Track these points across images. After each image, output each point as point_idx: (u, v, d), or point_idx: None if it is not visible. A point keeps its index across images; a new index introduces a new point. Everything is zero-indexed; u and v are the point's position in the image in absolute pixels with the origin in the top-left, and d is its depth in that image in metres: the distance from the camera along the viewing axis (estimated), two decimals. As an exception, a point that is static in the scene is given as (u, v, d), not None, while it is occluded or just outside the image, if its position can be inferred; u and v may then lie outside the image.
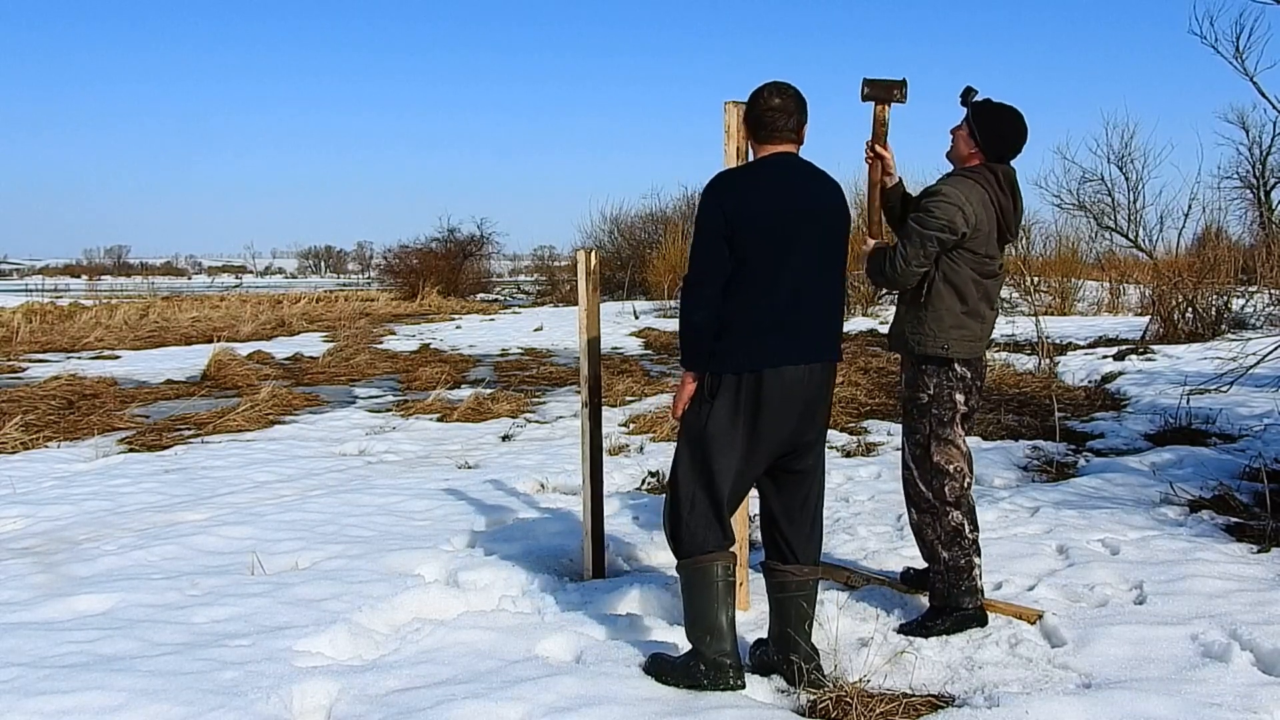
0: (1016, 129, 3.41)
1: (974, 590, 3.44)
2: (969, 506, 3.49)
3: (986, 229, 3.35)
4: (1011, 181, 3.41)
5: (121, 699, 2.85)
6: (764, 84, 3.06)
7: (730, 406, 2.94)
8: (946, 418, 3.43)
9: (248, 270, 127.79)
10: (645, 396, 9.54)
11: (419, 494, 5.66)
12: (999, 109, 3.42)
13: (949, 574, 3.44)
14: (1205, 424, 6.95)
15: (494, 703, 2.82)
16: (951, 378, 3.42)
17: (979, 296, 3.39)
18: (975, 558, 3.46)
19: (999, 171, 3.39)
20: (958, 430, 3.45)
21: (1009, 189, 3.39)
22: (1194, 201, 23.14)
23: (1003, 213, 3.37)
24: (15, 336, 16.78)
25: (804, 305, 2.95)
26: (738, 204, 2.91)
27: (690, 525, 2.99)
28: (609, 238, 31.70)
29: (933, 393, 3.43)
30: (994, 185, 3.36)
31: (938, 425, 3.44)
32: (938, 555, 3.47)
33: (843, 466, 6.21)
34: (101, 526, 5.05)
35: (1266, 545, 4.22)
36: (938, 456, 3.44)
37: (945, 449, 3.44)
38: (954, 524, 3.44)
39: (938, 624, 3.43)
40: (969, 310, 3.38)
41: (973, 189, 3.33)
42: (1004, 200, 3.37)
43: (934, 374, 3.43)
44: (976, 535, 3.49)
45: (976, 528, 3.50)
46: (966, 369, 3.44)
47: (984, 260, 3.38)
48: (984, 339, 3.47)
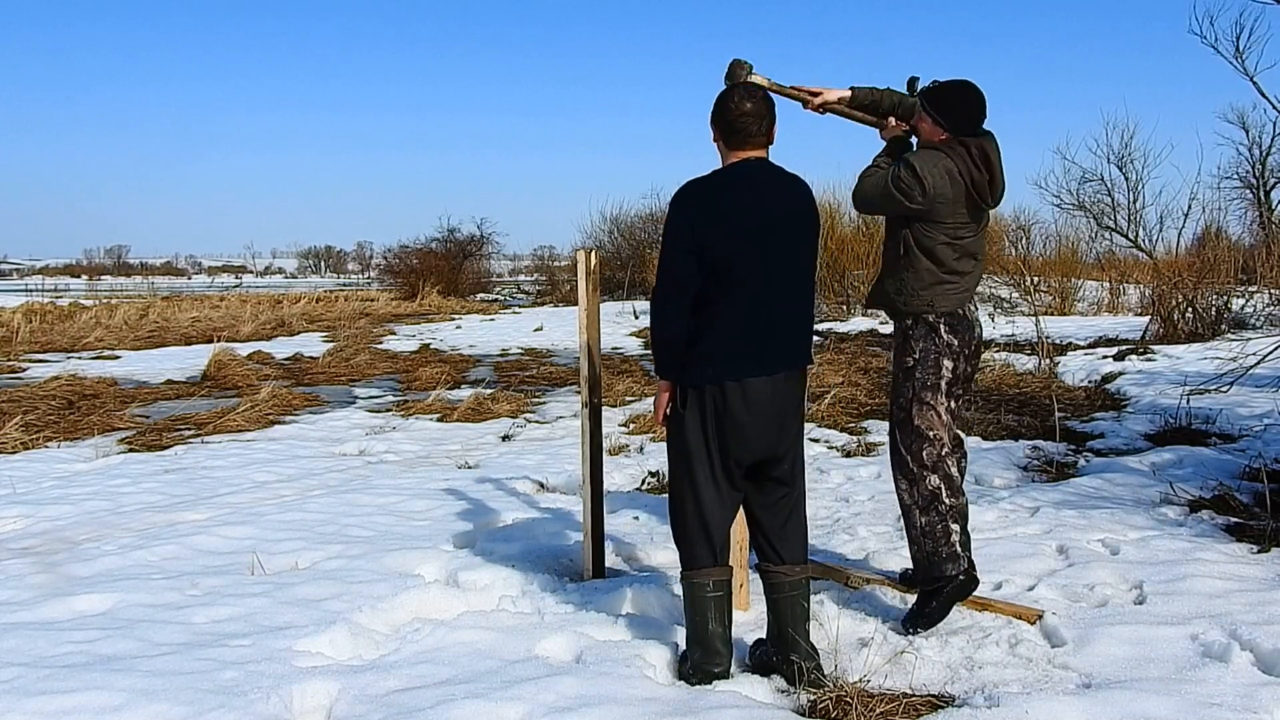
0: (971, 98, 3.43)
1: (955, 556, 3.43)
2: (946, 473, 3.47)
3: (950, 198, 3.36)
4: (984, 152, 3.40)
5: (121, 699, 2.85)
6: (732, 87, 3.05)
7: (698, 419, 2.97)
8: (930, 382, 3.45)
9: (248, 270, 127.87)
10: (645, 396, 9.53)
11: (419, 494, 5.66)
12: (947, 86, 3.46)
13: (925, 540, 3.44)
14: (1205, 424, 6.95)
15: (494, 703, 2.82)
16: (938, 343, 3.44)
17: (955, 256, 3.43)
18: (954, 524, 3.45)
19: (970, 145, 3.39)
20: (940, 398, 3.46)
21: (981, 161, 3.39)
22: (1194, 201, 23.17)
23: (974, 184, 3.38)
24: (15, 336, 16.77)
25: (772, 314, 2.96)
26: (707, 216, 2.90)
27: (686, 537, 3.07)
28: (609, 238, 31.72)
29: (918, 356, 3.46)
30: (964, 158, 3.37)
31: (921, 389, 3.45)
32: (915, 521, 3.47)
33: (843, 466, 6.21)
34: (101, 526, 5.05)
35: (1266, 545, 4.22)
36: (918, 420, 3.46)
37: (926, 413, 3.45)
38: (930, 488, 3.44)
39: (930, 608, 3.42)
40: (947, 269, 3.43)
41: (938, 160, 3.36)
42: (976, 173, 3.38)
43: (920, 338, 3.46)
44: (955, 502, 3.48)
45: (956, 495, 3.49)
46: (954, 336, 3.45)
47: (955, 228, 3.41)
48: (970, 290, 3.50)
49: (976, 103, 3.43)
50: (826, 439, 7.18)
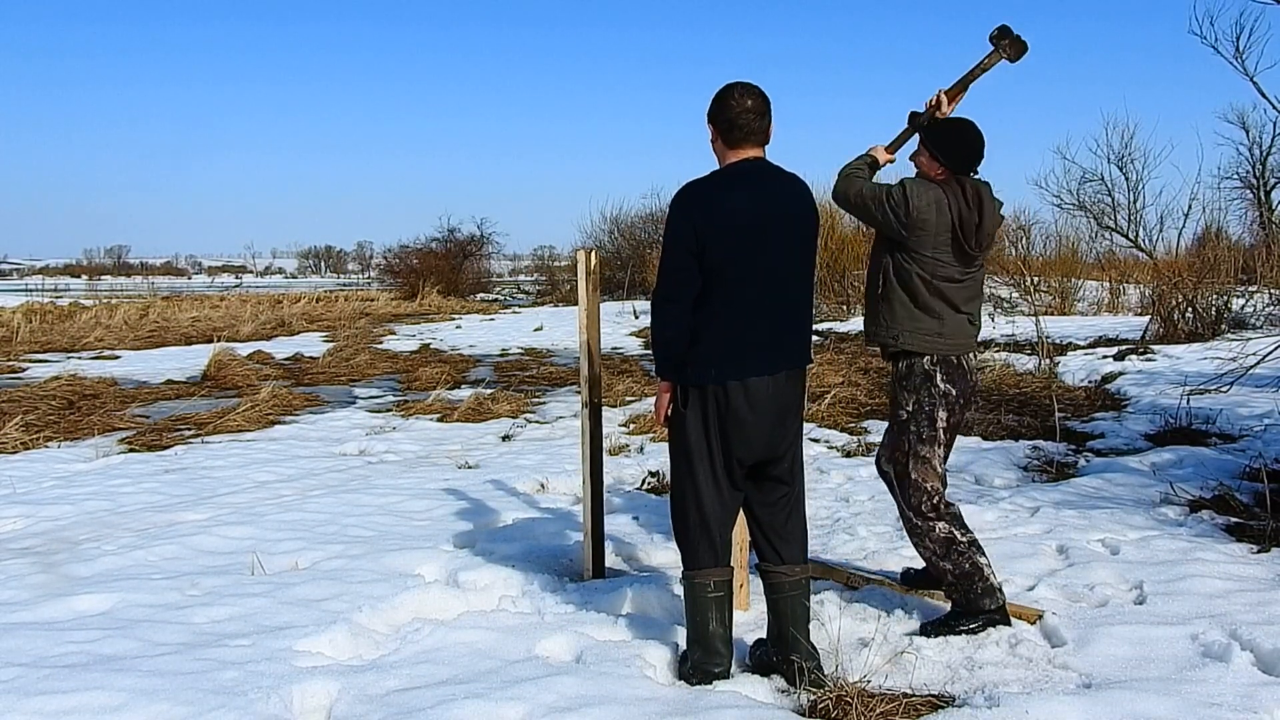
0: (972, 137, 3.45)
1: (991, 590, 3.40)
2: (952, 514, 3.47)
3: (934, 230, 3.35)
4: (979, 196, 3.41)
5: (121, 699, 2.85)
6: (730, 85, 3.03)
7: (700, 418, 2.98)
8: (925, 435, 3.43)
9: (248, 270, 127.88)
10: (645, 396, 9.53)
11: (419, 494, 5.66)
12: (950, 124, 3.48)
13: (959, 582, 3.41)
14: (1205, 424, 6.95)
15: (494, 703, 2.82)
16: (934, 393, 3.42)
17: (930, 294, 3.39)
18: (979, 557, 3.42)
19: (966, 184, 3.40)
20: (936, 449, 3.44)
21: (975, 203, 3.38)
22: (1194, 201, 23.20)
23: (961, 222, 3.36)
24: (15, 336, 16.77)
25: (772, 314, 2.96)
26: (707, 216, 2.90)
27: (688, 538, 3.08)
28: (609, 238, 31.74)
29: (911, 409, 3.45)
30: (958, 195, 3.38)
31: (916, 443, 3.44)
32: (941, 569, 3.45)
33: (843, 466, 6.21)
34: (101, 526, 5.05)
35: (1266, 545, 4.22)
36: (914, 474, 3.45)
37: (921, 467, 3.44)
38: (942, 534, 3.43)
39: (963, 623, 3.40)
40: (921, 306, 3.40)
41: (929, 189, 3.37)
42: (965, 212, 3.37)
43: (915, 389, 3.44)
44: (971, 536, 3.46)
45: (967, 529, 3.47)
46: (950, 386, 3.43)
47: (934, 263, 3.38)
48: (947, 338, 3.42)
49: (976, 142, 3.45)
50: (826, 439, 7.18)
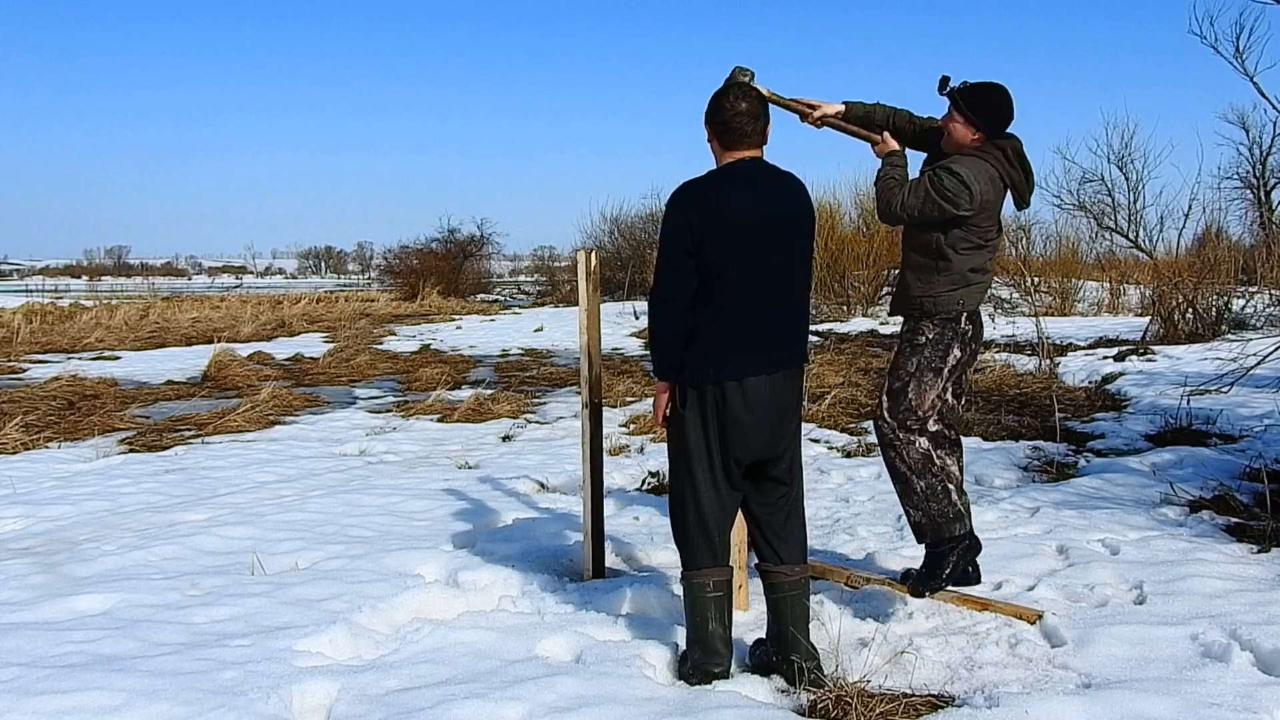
0: (1005, 100, 3.44)
1: (960, 515, 3.42)
2: (931, 432, 3.45)
3: (993, 206, 3.40)
4: (1019, 152, 3.44)
5: (121, 699, 2.85)
6: (726, 87, 3.05)
7: (699, 418, 2.98)
8: (935, 364, 3.43)
9: (248, 271, 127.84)
10: (645, 397, 9.53)
11: (419, 494, 5.66)
12: (982, 87, 3.45)
13: (930, 503, 3.41)
14: (1205, 424, 6.95)
15: (494, 703, 2.82)
16: (955, 330, 3.44)
17: (988, 257, 3.49)
18: (950, 483, 3.43)
19: (1006, 147, 3.41)
20: (940, 380, 3.44)
21: (1018, 161, 3.42)
22: (1194, 202, 23.16)
23: (1014, 185, 3.43)
24: (16, 337, 16.78)
25: (770, 314, 2.96)
26: (704, 216, 2.90)
27: (688, 538, 3.08)
28: (609, 238, 31.70)
29: (930, 337, 3.45)
30: (1003, 161, 3.39)
31: (924, 368, 3.43)
32: (915, 487, 3.43)
33: (843, 466, 6.21)
34: (101, 526, 5.05)
35: (1266, 545, 4.22)
36: (912, 394, 3.43)
37: (922, 391, 3.43)
38: (921, 450, 3.43)
39: (941, 569, 3.41)
40: (975, 268, 3.44)
41: (983, 168, 3.36)
42: (1014, 174, 3.41)
43: (937, 325, 3.45)
44: (948, 463, 3.45)
45: (949, 454, 3.47)
46: (970, 324, 3.47)
47: (985, 231, 3.44)
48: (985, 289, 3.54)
49: (1008, 104, 3.44)
50: (826, 439, 7.17)
